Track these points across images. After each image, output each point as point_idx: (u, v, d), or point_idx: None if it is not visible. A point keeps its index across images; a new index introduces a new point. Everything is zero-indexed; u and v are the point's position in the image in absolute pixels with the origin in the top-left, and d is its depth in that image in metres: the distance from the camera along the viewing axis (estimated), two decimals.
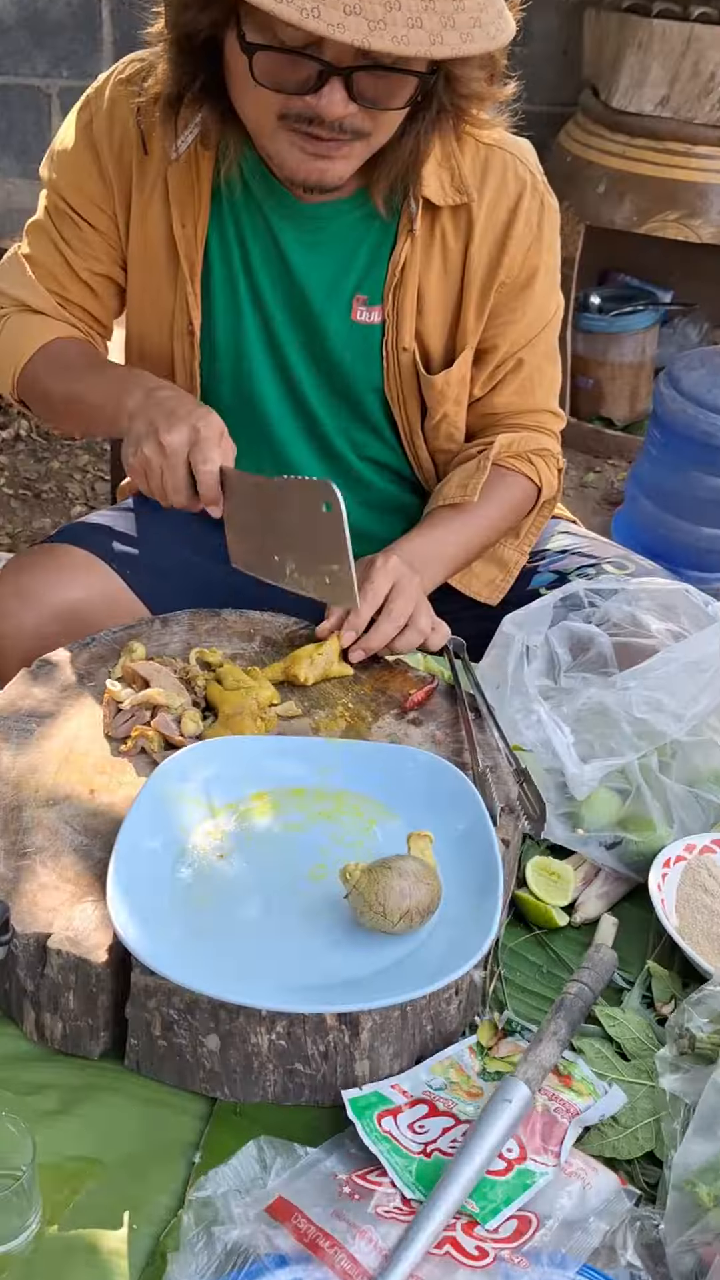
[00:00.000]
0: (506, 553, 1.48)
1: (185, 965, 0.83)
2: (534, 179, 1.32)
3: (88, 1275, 0.79)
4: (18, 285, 1.37)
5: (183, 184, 1.27)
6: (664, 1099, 0.88)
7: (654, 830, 1.10)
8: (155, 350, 1.37)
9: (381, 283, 1.31)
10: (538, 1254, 0.77)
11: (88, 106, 1.31)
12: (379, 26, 0.95)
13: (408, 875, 0.86)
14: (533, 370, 1.41)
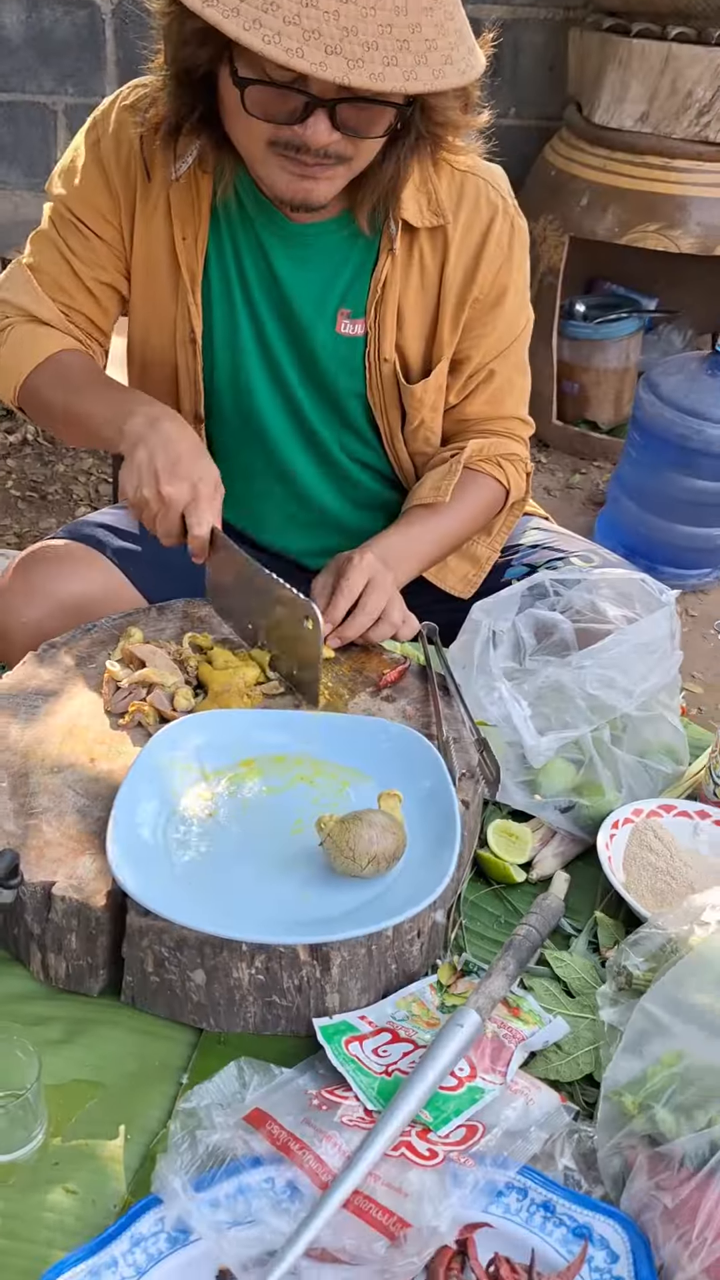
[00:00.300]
0: (479, 549, 1.57)
1: (175, 906, 0.93)
2: (505, 203, 1.41)
3: (87, 1177, 0.90)
4: (23, 295, 1.43)
5: (183, 201, 1.36)
6: (603, 1029, 0.98)
7: (604, 796, 1.20)
8: (158, 357, 1.45)
9: (364, 298, 1.39)
10: (482, 1157, 0.87)
11: (95, 128, 1.40)
12: (357, 64, 1.03)
13: (375, 826, 0.97)
14: (503, 381, 1.50)
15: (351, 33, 1.01)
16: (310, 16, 1.00)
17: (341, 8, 1.01)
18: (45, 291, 1.43)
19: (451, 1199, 0.83)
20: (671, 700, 1.29)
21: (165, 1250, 0.82)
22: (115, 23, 3.43)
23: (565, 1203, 0.86)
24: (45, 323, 1.43)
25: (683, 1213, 0.81)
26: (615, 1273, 0.82)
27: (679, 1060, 0.86)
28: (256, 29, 1.01)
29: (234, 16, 1.01)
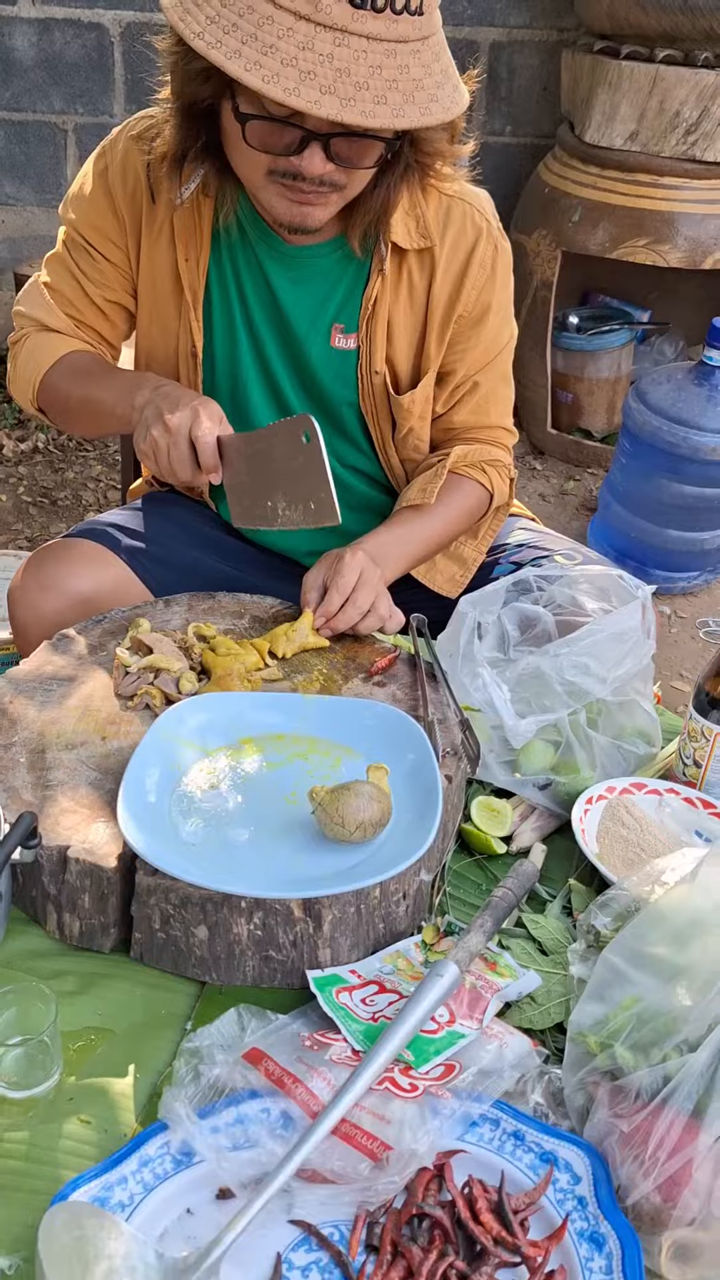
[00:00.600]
0: (466, 551, 1.67)
1: (179, 865, 1.02)
2: (489, 226, 1.49)
3: (100, 1110, 0.98)
4: (38, 308, 1.55)
5: (186, 225, 1.45)
6: (573, 983, 1.06)
7: (580, 774, 1.29)
8: (162, 370, 1.55)
9: (356, 314, 1.48)
10: (459, 1091, 0.96)
11: (103, 156, 1.49)
12: (349, 103, 1.12)
13: (363, 794, 1.06)
14: (487, 391, 1.58)
15: (344, 74, 1.10)
16: (306, 59, 1.10)
17: (335, 51, 1.10)
18: (59, 307, 1.53)
19: (430, 1127, 0.92)
20: (645, 687, 1.38)
21: (170, 1170, 0.91)
22: (124, 45, 3.55)
23: (533, 1132, 0.94)
24: (57, 331, 1.53)
25: (637, 1137, 0.89)
26: (578, 1193, 0.91)
27: (636, 1004, 0.95)
28: (257, 70, 1.10)
29: (236, 59, 1.10)
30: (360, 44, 1.11)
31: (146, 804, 1.10)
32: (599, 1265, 0.87)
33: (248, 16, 1.11)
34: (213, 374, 1.53)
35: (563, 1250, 0.88)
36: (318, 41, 1.10)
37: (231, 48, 1.11)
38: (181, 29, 1.14)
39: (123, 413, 1.41)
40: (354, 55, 1.11)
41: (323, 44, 1.10)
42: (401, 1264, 0.86)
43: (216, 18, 1.12)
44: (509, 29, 3.55)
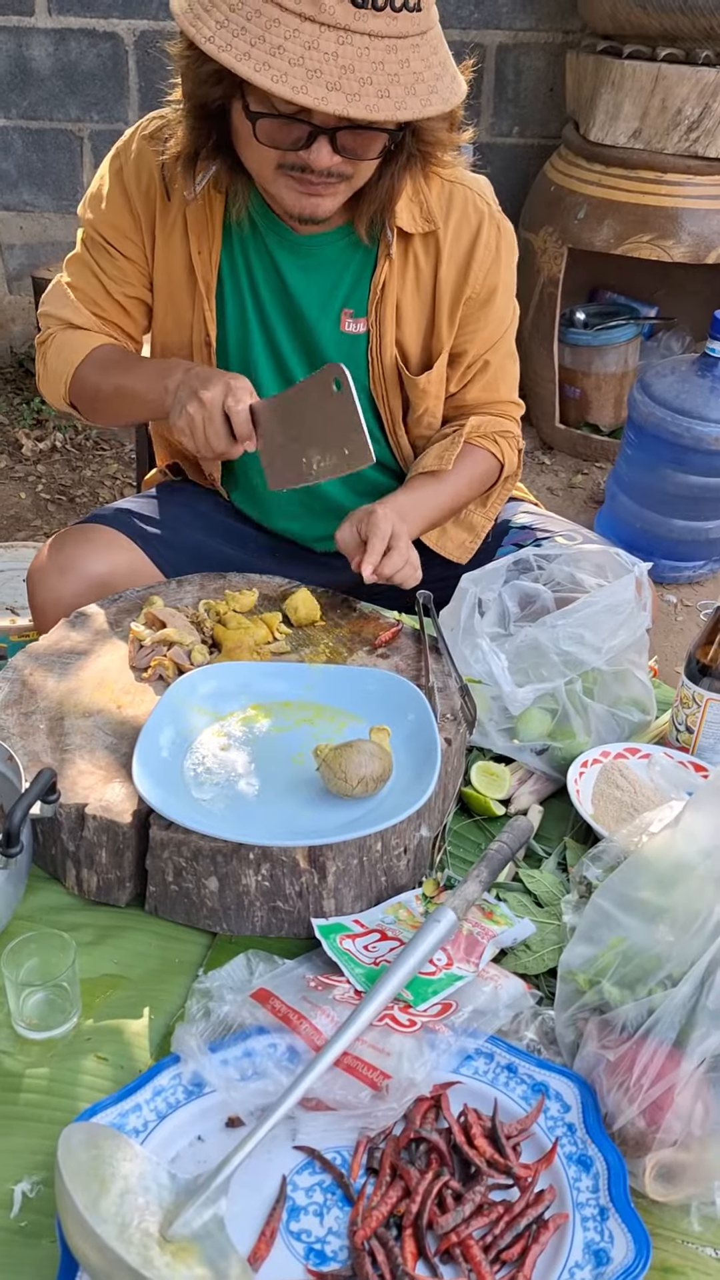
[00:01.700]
0: (475, 519, 1.72)
1: (191, 818, 1.08)
2: (490, 209, 1.55)
3: (116, 1047, 1.04)
4: (63, 307, 1.61)
5: (199, 219, 1.51)
6: (566, 931, 1.12)
7: (575, 740, 1.34)
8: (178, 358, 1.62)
9: (365, 299, 1.54)
10: (455, 1027, 1.01)
11: (118, 157, 1.56)
12: (354, 98, 1.18)
13: (365, 752, 1.12)
14: (497, 369, 1.64)
15: (349, 70, 1.16)
16: (312, 58, 1.16)
17: (339, 49, 1.16)
18: (82, 305, 1.60)
19: (427, 1059, 0.97)
20: (640, 658, 1.43)
21: (182, 1100, 0.96)
22: (138, 53, 3.63)
23: (525, 1064, 1.00)
24: (82, 328, 1.60)
25: (623, 1066, 0.94)
26: (567, 1120, 0.96)
27: (623, 943, 1.00)
28: (266, 70, 1.16)
29: (246, 60, 1.17)
30: (363, 41, 1.17)
31: (160, 763, 1.16)
32: (587, 1185, 0.92)
33: (255, 20, 1.17)
34: (226, 362, 1.59)
35: (552, 1172, 0.93)
36: (322, 41, 1.16)
37: (241, 50, 1.17)
38: (193, 34, 1.20)
39: (155, 397, 1.47)
40: (357, 52, 1.17)
41: (327, 43, 1.16)
42: (400, 1185, 0.91)
43: (226, 22, 1.18)
44: (514, 32, 3.61)
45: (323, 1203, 0.91)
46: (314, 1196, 0.92)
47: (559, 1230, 0.89)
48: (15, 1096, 1.00)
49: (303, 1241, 0.88)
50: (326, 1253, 0.88)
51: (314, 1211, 0.90)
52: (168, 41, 1.36)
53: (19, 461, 3.42)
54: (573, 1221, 0.89)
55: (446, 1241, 0.87)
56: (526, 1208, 0.90)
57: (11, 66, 3.68)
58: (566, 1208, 0.90)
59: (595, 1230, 0.88)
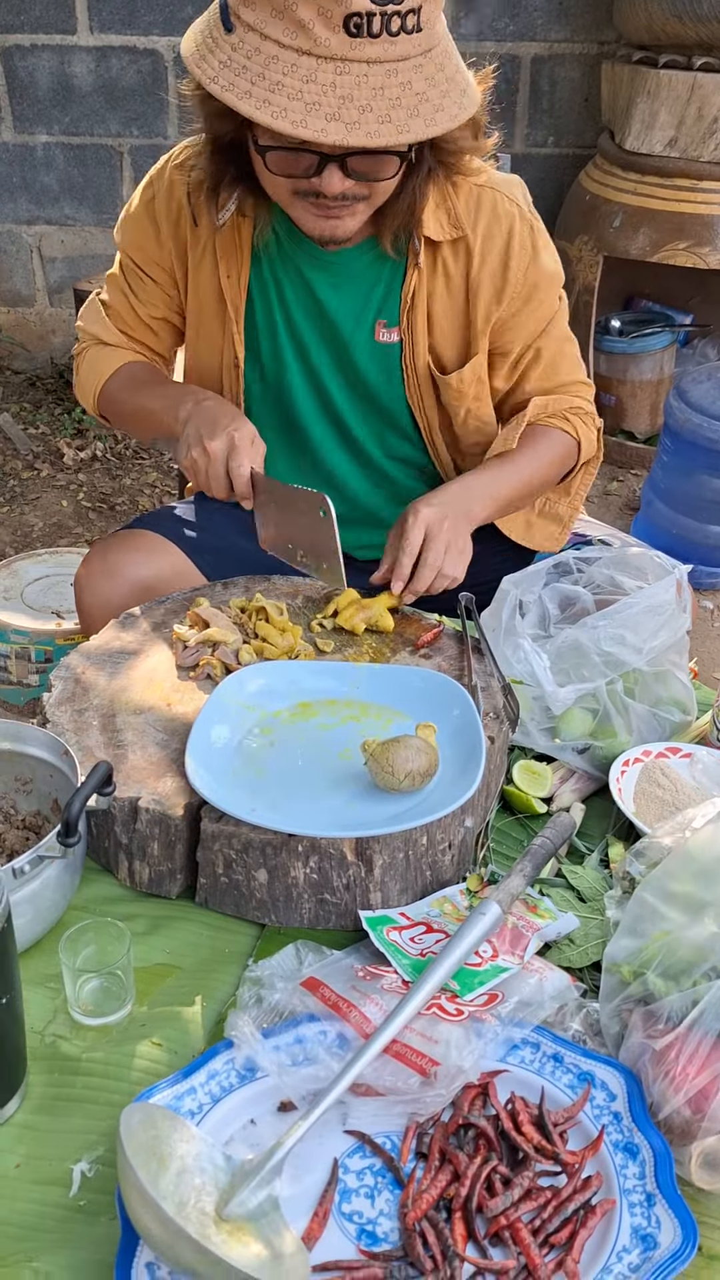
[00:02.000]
0: (560, 509, 1.73)
1: (243, 809, 1.11)
2: (521, 209, 1.55)
3: (170, 1033, 1.07)
4: (96, 324, 1.69)
5: (227, 245, 1.55)
6: (609, 925, 1.13)
7: (617, 739, 1.36)
8: (206, 380, 1.66)
9: (397, 308, 1.57)
10: (502, 1017, 1.03)
11: (151, 185, 1.60)
12: (354, 127, 1.20)
13: (412, 747, 1.14)
14: (553, 353, 1.63)
15: (348, 100, 1.18)
16: (310, 91, 1.18)
17: (337, 80, 1.18)
18: (113, 323, 1.67)
19: (474, 1046, 0.99)
20: (680, 658, 1.44)
21: (236, 1084, 0.99)
22: (177, 70, 3.69)
23: (572, 1054, 1.01)
24: (112, 345, 1.67)
25: (668, 1055, 0.96)
26: (613, 1109, 0.98)
27: (667, 936, 1.01)
28: (266, 107, 1.19)
29: (247, 99, 1.20)
30: (360, 69, 1.18)
31: (212, 756, 1.19)
32: (633, 1172, 0.93)
33: (255, 58, 1.20)
34: (258, 380, 1.63)
35: (599, 1160, 0.94)
36: (320, 73, 1.18)
37: (243, 89, 1.20)
38: (198, 75, 1.24)
39: (169, 422, 1.53)
40: (355, 81, 1.18)
41: (325, 75, 1.18)
42: (449, 1169, 0.93)
43: (229, 62, 1.21)
44: (550, 43, 3.64)
45: (373, 1185, 0.93)
46: (365, 1179, 0.94)
47: (606, 1215, 0.90)
48: (73, 1080, 1.03)
49: (354, 1223, 0.90)
50: (378, 1234, 0.90)
51: (365, 1194, 0.92)
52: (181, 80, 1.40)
53: (61, 470, 3.48)
54: (620, 1207, 0.91)
55: (496, 1224, 0.89)
56: (574, 1193, 0.91)
57: (54, 83, 3.76)
58: (614, 1194, 0.92)
59: (642, 1216, 0.90)
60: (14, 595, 2.36)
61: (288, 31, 1.18)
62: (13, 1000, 0.96)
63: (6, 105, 3.81)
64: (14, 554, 3.04)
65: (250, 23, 1.20)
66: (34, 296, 4.11)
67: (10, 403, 3.85)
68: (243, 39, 1.21)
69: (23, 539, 3.17)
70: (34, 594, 2.38)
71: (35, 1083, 1.02)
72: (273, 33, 1.18)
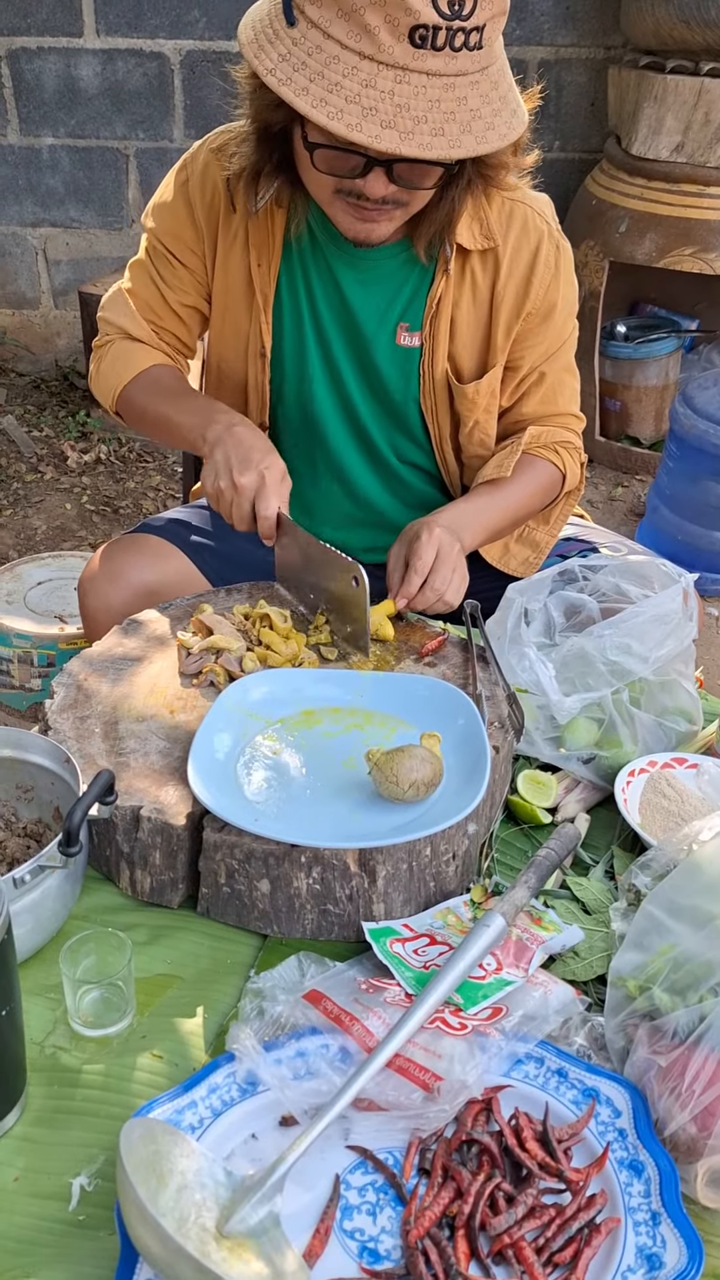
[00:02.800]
0: (538, 536, 1.73)
1: (245, 819, 1.10)
2: (550, 228, 1.57)
3: (171, 1045, 1.06)
4: (122, 316, 1.65)
5: (260, 233, 1.55)
6: (614, 939, 1.12)
7: (622, 749, 1.35)
8: (232, 370, 1.64)
9: (421, 313, 1.56)
10: (505, 1031, 1.02)
11: (185, 168, 1.59)
12: (408, 136, 1.20)
13: (416, 756, 1.13)
14: (554, 381, 1.65)
15: (404, 109, 1.19)
16: (369, 96, 1.18)
17: (396, 88, 1.18)
18: (139, 313, 1.64)
19: (478, 1061, 0.98)
20: (686, 668, 1.43)
21: (237, 1098, 0.98)
22: (183, 73, 3.69)
23: (576, 1069, 1.00)
24: (139, 340, 1.63)
25: (674, 1072, 0.95)
26: (618, 1125, 0.97)
27: (673, 950, 1.00)
28: (322, 106, 1.19)
29: (304, 95, 1.19)
30: (420, 80, 1.19)
31: (214, 765, 1.18)
32: (638, 1190, 0.92)
33: (316, 55, 1.19)
34: (281, 373, 1.62)
35: (604, 1177, 0.93)
36: (379, 79, 1.18)
37: (300, 85, 1.20)
38: (256, 66, 1.23)
39: (194, 440, 1.51)
40: (413, 91, 1.19)
41: (384, 81, 1.18)
42: (452, 1186, 0.92)
43: (288, 55, 1.21)
44: (557, 47, 3.63)
45: (375, 1202, 0.92)
46: (367, 1196, 0.93)
47: (611, 1234, 0.89)
48: (72, 1092, 1.02)
49: (356, 1240, 0.89)
50: (380, 1251, 0.89)
51: (367, 1210, 0.91)
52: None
53: (64, 473, 3.48)
54: (625, 1226, 0.90)
55: (499, 1243, 0.88)
56: (578, 1211, 0.90)
57: (60, 86, 3.76)
58: (618, 1212, 0.91)
59: (647, 1235, 0.89)
60: (17, 599, 2.36)
61: (352, 34, 1.18)
62: (13, 1011, 0.95)
63: (13, 107, 3.81)
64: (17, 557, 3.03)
65: (314, 19, 1.20)
66: (38, 299, 4.11)
67: (14, 405, 3.85)
68: (305, 34, 1.20)
69: (26, 542, 3.16)
70: (37, 598, 2.37)
71: (34, 1095, 1.01)
72: (336, 33, 1.18)
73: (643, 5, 3.01)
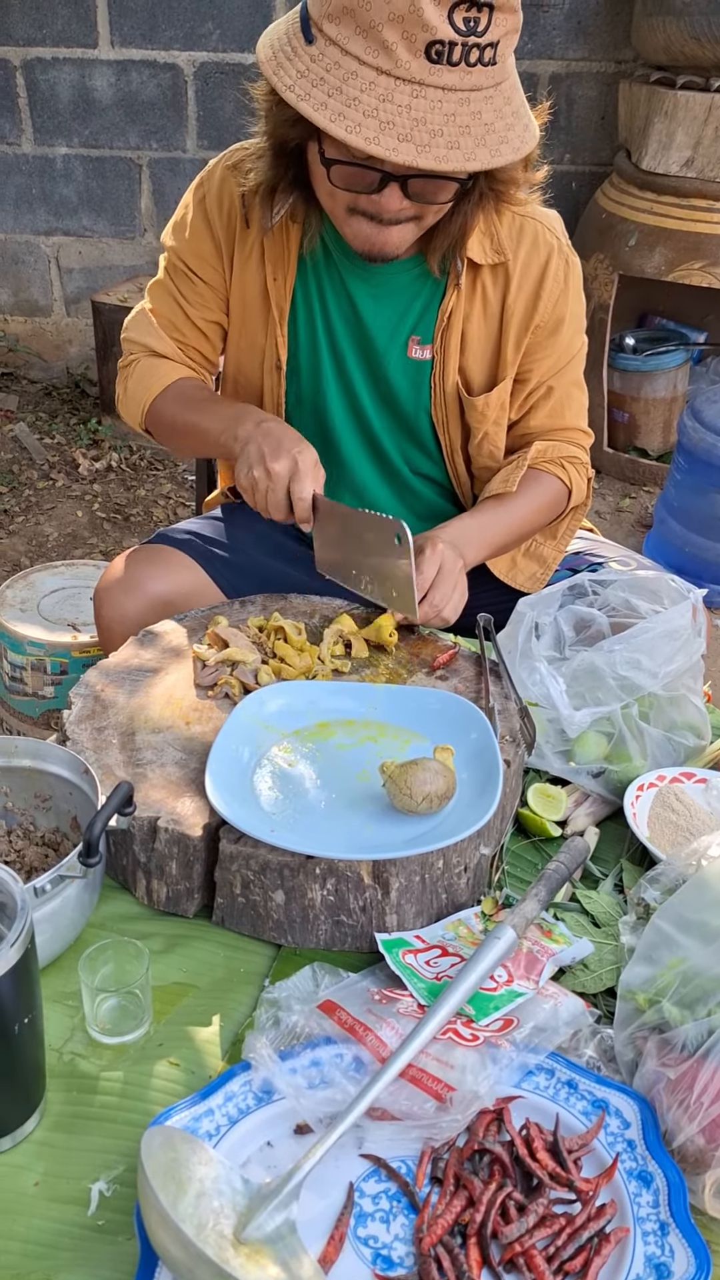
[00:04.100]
0: (545, 550, 1.75)
1: (261, 830, 1.12)
2: (560, 243, 1.60)
3: (187, 1053, 1.08)
4: (146, 334, 1.68)
5: (276, 248, 1.57)
6: (624, 951, 1.14)
7: (632, 763, 1.37)
8: (248, 382, 1.67)
9: (432, 326, 1.59)
10: (516, 1043, 1.04)
11: (202, 185, 1.62)
12: (424, 150, 1.22)
13: (430, 769, 1.15)
14: (562, 395, 1.67)
15: (421, 123, 1.21)
16: (386, 110, 1.21)
17: (413, 102, 1.21)
18: (163, 330, 1.66)
19: (489, 1072, 1.00)
20: (695, 683, 1.45)
21: (253, 1105, 1.00)
22: (197, 84, 3.72)
23: (586, 1081, 1.02)
24: (164, 356, 1.66)
25: (682, 1083, 0.96)
26: (627, 1136, 0.98)
27: (682, 964, 1.02)
28: (341, 121, 1.21)
29: (323, 110, 1.22)
30: (436, 95, 1.21)
31: (232, 776, 1.20)
32: (647, 1201, 0.94)
33: (334, 71, 1.22)
34: (297, 385, 1.65)
35: (613, 1187, 0.95)
36: (397, 94, 1.21)
37: (319, 100, 1.22)
38: (275, 82, 1.26)
39: (225, 442, 1.52)
40: (430, 105, 1.21)
41: (401, 96, 1.21)
42: (464, 1194, 0.94)
43: (306, 72, 1.23)
44: (568, 61, 3.66)
45: (389, 1210, 0.94)
46: (380, 1204, 0.94)
47: (620, 1244, 0.91)
48: (91, 1099, 1.04)
49: (370, 1247, 0.91)
50: (393, 1258, 0.90)
51: (380, 1218, 0.93)
52: (246, 78, 1.42)
53: (76, 481, 3.50)
54: (634, 1235, 0.91)
55: (510, 1251, 0.89)
56: (588, 1220, 0.92)
57: (75, 96, 3.79)
58: (627, 1222, 0.92)
59: (656, 1244, 0.90)
60: (30, 607, 2.38)
61: (369, 50, 1.20)
62: (35, 1019, 0.97)
63: (27, 117, 3.84)
64: (29, 563, 3.06)
65: (333, 36, 1.22)
66: (51, 307, 4.14)
67: (26, 412, 3.88)
68: (323, 51, 1.23)
69: (37, 549, 3.19)
70: (50, 606, 2.39)
71: (53, 1100, 1.03)
72: (354, 49, 1.21)
73: (654, 21, 3.04)
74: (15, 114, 3.84)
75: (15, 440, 3.68)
